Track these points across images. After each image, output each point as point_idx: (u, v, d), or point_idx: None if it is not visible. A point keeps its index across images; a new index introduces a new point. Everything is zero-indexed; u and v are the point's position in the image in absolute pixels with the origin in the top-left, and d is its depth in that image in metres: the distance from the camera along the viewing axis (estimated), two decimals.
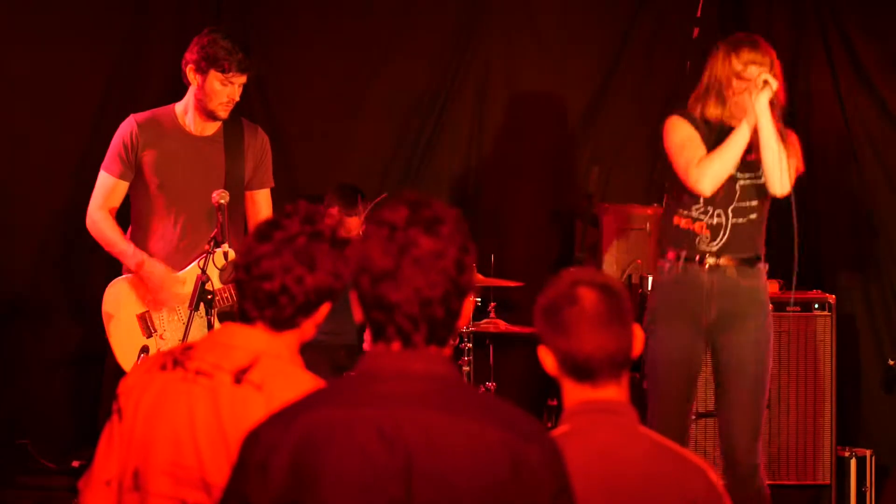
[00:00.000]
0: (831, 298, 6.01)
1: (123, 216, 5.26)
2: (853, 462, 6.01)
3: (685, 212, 4.83)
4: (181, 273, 5.08)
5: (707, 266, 4.76)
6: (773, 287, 5.97)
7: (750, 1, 7.02)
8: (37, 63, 6.52)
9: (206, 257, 4.75)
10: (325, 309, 2.90)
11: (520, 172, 7.00)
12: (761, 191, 4.78)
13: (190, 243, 5.12)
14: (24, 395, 6.61)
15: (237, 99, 5.14)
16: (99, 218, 5.19)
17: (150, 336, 5.08)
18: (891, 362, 6.59)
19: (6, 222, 6.55)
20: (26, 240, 6.62)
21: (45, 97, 6.54)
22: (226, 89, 5.09)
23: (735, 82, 4.74)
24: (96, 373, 6.42)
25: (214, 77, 5.07)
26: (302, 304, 2.85)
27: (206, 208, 5.07)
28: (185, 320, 4.90)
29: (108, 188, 5.19)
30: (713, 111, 4.79)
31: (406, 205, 2.36)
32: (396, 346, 2.35)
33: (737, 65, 4.73)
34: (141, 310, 5.10)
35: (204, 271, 4.70)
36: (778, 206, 4.89)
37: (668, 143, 4.87)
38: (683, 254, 4.79)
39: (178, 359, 2.86)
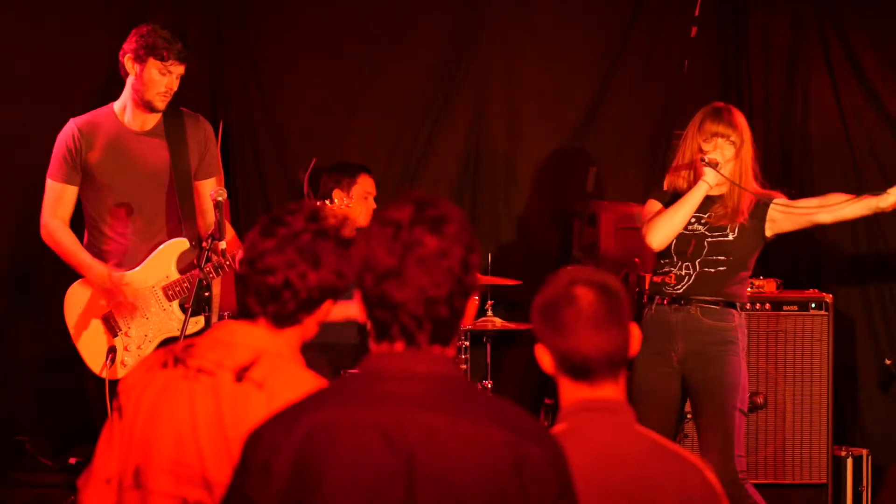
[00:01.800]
0: (828, 298, 6.01)
1: (77, 221, 5.27)
2: (849, 461, 6.01)
3: (659, 270, 5.19)
4: (137, 269, 5.07)
5: (673, 306, 5.10)
6: (770, 286, 5.98)
7: (749, 1, 7.01)
8: (34, 62, 6.50)
9: (203, 254, 4.75)
10: (327, 307, 2.89)
11: (518, 171, 7.00)
12: (732, 247, 5.08)
13: (143, 239, 5.12)
14: (21, 392, 6.60)
15: (174, 89, 5.12)
16: (54, 228, 5.17)
17: (115, 335, 5.07)
18: (887, 361, 6.60)
19: (3, 220, 6.55)
20: (24, 237, 6.61)
21: (43, 96, 6.52)
22: (164, 79, 5.07)
23: (699, 155, 5.09)
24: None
25: (153, 65, 5.06)
26: (305, 301, 2.85)
27: (156, 203, 5.09)
28: (148, 315, 4.94)
29: (57, 195, 5.16)
30: (684, 183, 5.17)
31: (412, 204, 2.35)
32: (400, 345, 2.34)
33: (700, 137, 5.08)
34: (104, 311, 5.10)
35: (201, 268, 4.69)
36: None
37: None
38: (656, 299, 5.14)
39: (179, 356, 2.86)
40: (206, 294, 4.69)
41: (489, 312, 6.25)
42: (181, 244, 5.04)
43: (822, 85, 6.86)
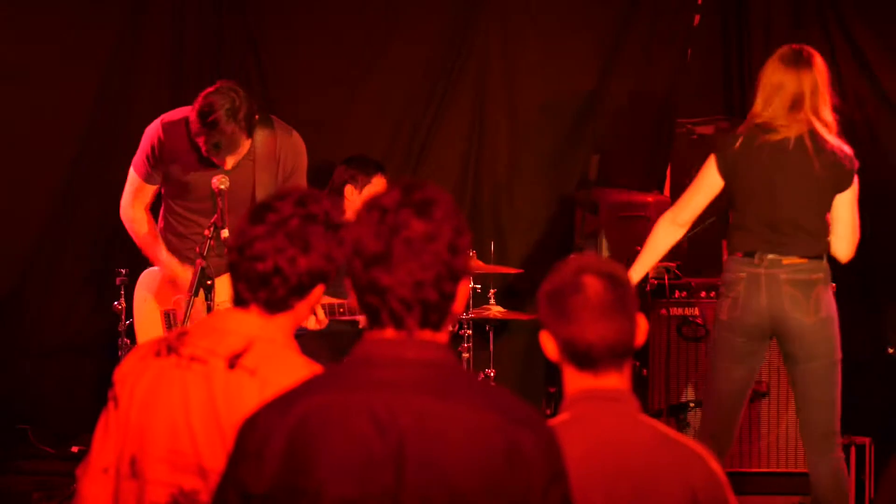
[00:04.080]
0: (831, 287, 5.99)
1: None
2: (852, 450, 6.00)
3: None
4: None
5: None
6: None
7: None
8: (33, 56, 6.50)
9: (205, 242, 4.73)
10: (318, 291, 2.89)
11: (520, 159, 7.00)
12: None
13: (217, 254, 5.00)
14: (24, 381, 6.62)
15: (229, 168, 4.91)
16: (132, 218, 5.12)
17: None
18: (890, 350, 6.59)
19: (4, 206, 6.55)
20: (25, 225, 6.62)
21: (43, 89, 6.53)
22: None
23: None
24: (95, 358, 6.44)
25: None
26: (295, 286, 2.84)
27: (235, 221, 4.99)
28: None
29: (136, 188, 5.13)
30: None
31: (399, 188, 2.35)
32: (390, 330, 2.33)
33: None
34: (167, 306, 5.07)
35: (203, 256, 4.68)
36: None
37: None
38: None
39: (172, 345, 2.86)
40: (209, 283, 4.66)
41: (491, 301, 6.25)
42: None
43: None
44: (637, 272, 4.98)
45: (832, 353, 4.88)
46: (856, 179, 4.89)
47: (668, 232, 4.99)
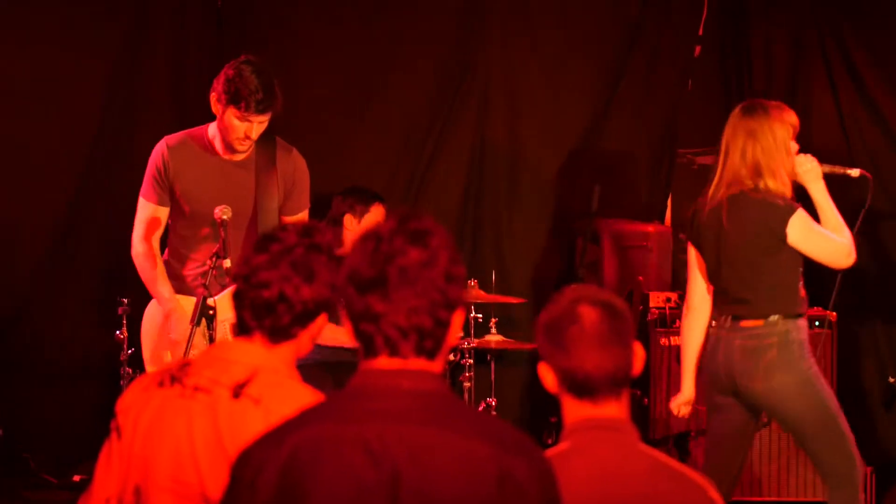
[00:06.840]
0: (832, 316, 6.01)
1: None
2: None
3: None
4: (215, 298, 4.90)
5: None
6: None
7: (750, 19, 7.03)
8: (34, 71, 6.52)
9: (207, 272, 4.74)
10: (321, 321, 2.91)
11: (521, 189, 7.01)
12: None
13: (222, 271, 5.02)
14: (26, 409, 6.61)
15: (253, 137, 5.02)
16: (141, 252, 5.11)
17: None
18: (891, 380, 6.60)
19: (7, 232, 6.55)
20: (27, 251, 6.62)
21: (44, 104, 6.54)
22: (243, 125, 4.98)
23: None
24: (98, 386, 6.43)
25: (232, 113, 4.96)
26: (299, 314, 2.87)
27: (237, 236, 5.03)
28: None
29: (148, 216, 5.12)
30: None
31: (395, 218, 2.37)
32: (384, 358, 2.34)
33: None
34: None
35: (206, 286, 4.69)
36: None
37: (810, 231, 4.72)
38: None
39: (175, 375, 2.87)
40: (210, 312, 4.67)
41: (493, 330, 6.26)
42: None
43: (823, 101, 6.87)
44: (686, 384, 4.80)
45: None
46: (795, 217, 4.65)
47: (690, 321, 4.79)
